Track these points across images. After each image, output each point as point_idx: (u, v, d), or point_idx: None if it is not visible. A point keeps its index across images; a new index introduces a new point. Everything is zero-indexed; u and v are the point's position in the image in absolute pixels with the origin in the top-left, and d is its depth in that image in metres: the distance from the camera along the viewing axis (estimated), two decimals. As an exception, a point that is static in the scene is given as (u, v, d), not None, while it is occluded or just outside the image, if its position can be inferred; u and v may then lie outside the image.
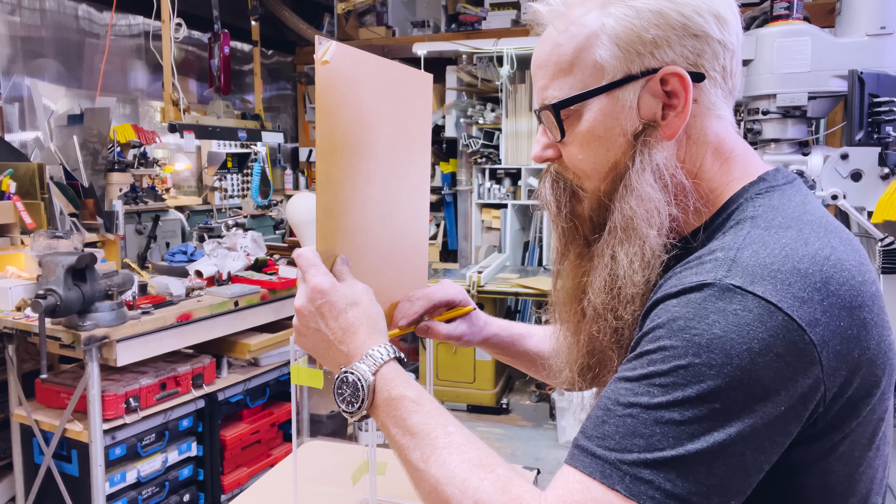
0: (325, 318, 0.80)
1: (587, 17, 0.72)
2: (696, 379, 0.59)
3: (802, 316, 0.60)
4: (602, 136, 0.73)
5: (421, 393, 0.75)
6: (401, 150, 1.01)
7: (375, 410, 0.76)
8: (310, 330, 0.82)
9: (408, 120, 1.02)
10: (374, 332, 0.80)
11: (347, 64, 0.85)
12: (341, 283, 0.83)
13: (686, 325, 0.61)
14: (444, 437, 0.71)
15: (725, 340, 0.59)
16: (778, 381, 0.59)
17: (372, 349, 0.78)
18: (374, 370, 0.76)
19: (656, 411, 0.60)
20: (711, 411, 0.59)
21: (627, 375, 0.64)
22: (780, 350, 0.59)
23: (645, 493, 0.59)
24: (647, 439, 0.60)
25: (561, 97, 0.74)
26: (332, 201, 0.86)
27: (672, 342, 0.61)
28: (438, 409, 0.74)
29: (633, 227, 0.71)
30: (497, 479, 0.66)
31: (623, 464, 0.60)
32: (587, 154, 0.75)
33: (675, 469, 0.59)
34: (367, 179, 0.93)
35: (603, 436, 0.62)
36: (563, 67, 0.74)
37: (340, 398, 0.77)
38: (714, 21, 0.70)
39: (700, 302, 0.62)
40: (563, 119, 0.75)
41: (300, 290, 0.83)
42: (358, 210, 0.92)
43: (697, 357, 0.59)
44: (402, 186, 1.02)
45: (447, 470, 0.68)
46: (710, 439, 0.59)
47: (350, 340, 0.79)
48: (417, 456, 0.71)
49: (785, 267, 0.62)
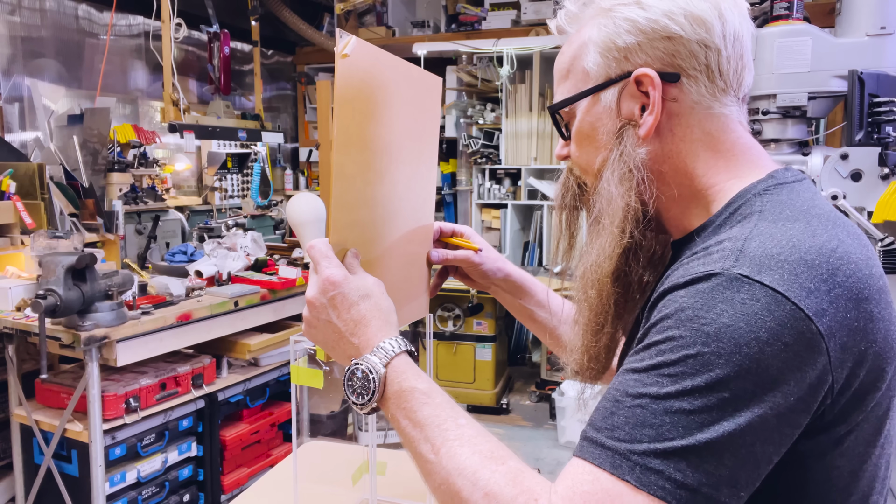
0: (338, 310, 0.81)
1: (584, 29, 0.80)
2: (705, 368, 0.59)
3: (809, 306, 0.60)
4: (590, 135, 0.80)
5: (431, 385, 0.76)
6: (411, 150, 1.01)
7: (386, 402, 0.77)
8: (321, 322, 0.82)
9: (418, 119, 1.03)
10: (386, 325, 0.81)
11: (366, 59, 0.85)
12: (353, 275, 0.83)
13: (694, 315, 0.61)
14: (455, 428, 0.71)
15: (734, 329, 0.59)
16: (787, 370, 0.59)
17: (383, 342, 0.78)
18: (386, 362, 0.77)
19: (665, 401, 0.60)
20: (721, 401, 0.59)
21: (636, 367, 0.64)
22: (788, 339, 0.59)
23: (655, 483, 0.59)
24: (657, 429, 0.60)
25: (557, 100, 0.83)
26: (346, 195, 0.86)
27: (680, 332, 0.62)
28: (449, 401, 0.75)
29: (599, 218, 0.78)
30: (508, 470, 0.66)
31: (633, 454, 0.60)
32: (581, 151, 0.83)
33: (685, 459, 0.59)
34: (380, 176, 0.93)
35: (612, 427, 0.62)
36: (563, 74, 0.83)
37: (351, 390, 0.78)
38: (688, 23, 0.73)
39: (708, 291, 0.62)
40: (565, 121, 0.84)
41: (312, 281, 0.83)
42: (369, 205, 0.92)
43: (706, 346, 0.60)
44: (410, 185, 1.02)
45: (458, 462, 0.68)
46: (720, 429, 0.59)
47: (361, 333, 0.80)
48: (427, 448, 0.71)
49: (792, 257, 0.62)
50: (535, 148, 4.50)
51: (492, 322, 4.18)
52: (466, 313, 4.15)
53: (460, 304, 4.15)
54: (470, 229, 1.15)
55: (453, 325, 4.18)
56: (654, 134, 0.76)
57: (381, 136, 0.92)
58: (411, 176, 1.03)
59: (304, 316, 0.84)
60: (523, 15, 4.85)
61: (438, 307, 4.17)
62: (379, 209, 0.95)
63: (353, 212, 0.89)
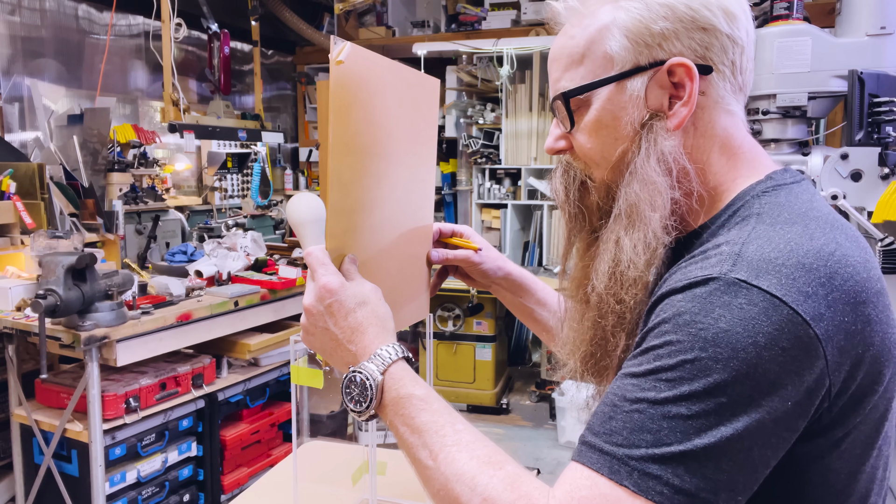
0: (335, 317, 0.80)
1: (600, 11, 0.75)
2: (703, 373, 0.59)
3: (807, 310, 0.60)
4: (610, 125, 0.75)
5: (429, 392, 0.76)
6: (409, 153, 1.01)
7: (384, 409, 0.77)
8: (318, 329, 0.82)
9: (416, 123, 1.02)
10: (383, 332, 0.81)
11: (361, 64, 0.85)
12: (350, 282, 0.83)
13: (692, 320, 0.61)
14: (453, 434, 0.71)
15: (731, 334, 0.59)
16: (784, 375, 0.59)
17: (380, 349, 0.78)
18: (383, 369, 0.76)
19: (663, 406, 0.60)
20: (718, 406, 0.59)
21: (633, 371, 0.64)
22: (786, 344, 0.59)
23: (653, 488, 0.59)
24: (655, 434, 0.60)
25: (571, 87, 0.76)
26: (343, 201, 0.86)
27: (678, 337, 0.61)
28: (446, 407, 0.75)
29: (637, 211, 0.73)
30: (506, 475, 0.66)
31: (631, 459, 0.60)
32: (596, 142, 0.77)
33: (682, 464, 0.59)
34: (377, 180, 0.93)
35: (610, 431, 0.62)
36: (575, 59, 0.76)
37: (349, 397, 0.77)
38: (723, 15, 0.72)
39: (705, 296, 0.62)
40: (573, 109, 0.77)
41: (309, 288, 0.83)
42: (367, 210, 0.92)
43: (704, 351, 0.60)
44: (409, 188, 1.02)
45: (456, 467, 0.68)
46: (718, 434, 0.59)
47: (358, 340, 0.80)
48: (426, 454, 0.71)
49: (790, 261, 0.62)
50: (535, 148, 4.50)
51: (492, 322, 4.18)
52: (466, 313, 4.15)
53: (460, 304, 4.15)
54: (470, 229, 1.15)
55: (453, 325, 4.18)
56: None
57: (378, 140, 0.92)
58: (410, 178, 1.02)
59: (301, 323, 0.85)
60: (523, 15, 4.85)
61: (438, 307, 4.17)
62: (377, 213, 0.94)
63: (350, 217, 0.88)
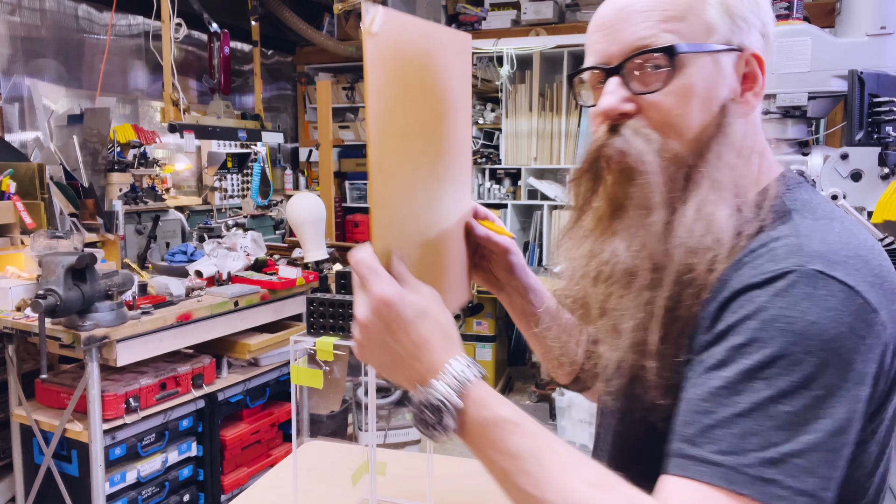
0: (394, 333, 0.71)
1: None
2: (798, 367, 0.59)
3: (873, 299, 0.62)
4: (700, 96, 0.72)
5: (516, 411, 0.69)
6: (445, 124, 0.90)
7: (467, 434, 0.70)
8: (376, 345, 0.73)
9: (451, 90, 0.92)
10: (449, 344, 0.72)
11: (396, 34, 0.74)
12: (405, 288, 0.73)
13: (778, 315, 0.61)
14: (554, 457, 0.65)
15: (819, 326, 0.60)
16: (865, 362, 0.61)
17: (450, 364, 0.71)
18: (461, 391, 0.69)
19: (764, 406, 0.59)
20: (816, 399, 0.59)
21: (724, 374, 0.62)
22: (864, 332, 0.61)
23: (774, 493, 0.58)
24: (762, 436, 0.59)
25: (677, 42, 0.71)
26: (385, 191, 0.75)
27: (767, 333, 0.61)
28: (539, 428, 0.68)
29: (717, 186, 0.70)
30: (621, 497, 0.62)
31: (744, 466, 0.59)
32: (684, 110, 0.72)
33: (795, 464, 0.58)
34: (416, 163, 0.82)
35: (712, 440, 0.60)
36: (677, 15, 0.71)
37: (422, 423, 0.70)
38: (771, 24, 0.77)
39: (787, 289, 0.62)
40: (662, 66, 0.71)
41: (360, 300, 0.73)
42: (408, 198, 0.81)
43: (796, 345, 0.60)
44: (448, 162, 0.92)
45: (565, 494, 0.63)
46: (821, 427, 0.59)
47: (424, 356, 0.71)
48: (527, 481, 0.65)
49: (851, 254, 0.64)
50: (535, 148, 4.50)
51: (492, 322, 4.18)
52: (466, 313, 4.15)
53: (460, 304, 4.15)
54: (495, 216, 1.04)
55: (453, 325, 4.18)
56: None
57: (416, 118, 0.81)
58: (446, 154, 0.90)
59: (355, 337, 0.75)
60: (523, 15, 4.85)
61: (438, 307, 4.16)
62: (418, 199, 0.83)
63: (395, 209, 0.77)
